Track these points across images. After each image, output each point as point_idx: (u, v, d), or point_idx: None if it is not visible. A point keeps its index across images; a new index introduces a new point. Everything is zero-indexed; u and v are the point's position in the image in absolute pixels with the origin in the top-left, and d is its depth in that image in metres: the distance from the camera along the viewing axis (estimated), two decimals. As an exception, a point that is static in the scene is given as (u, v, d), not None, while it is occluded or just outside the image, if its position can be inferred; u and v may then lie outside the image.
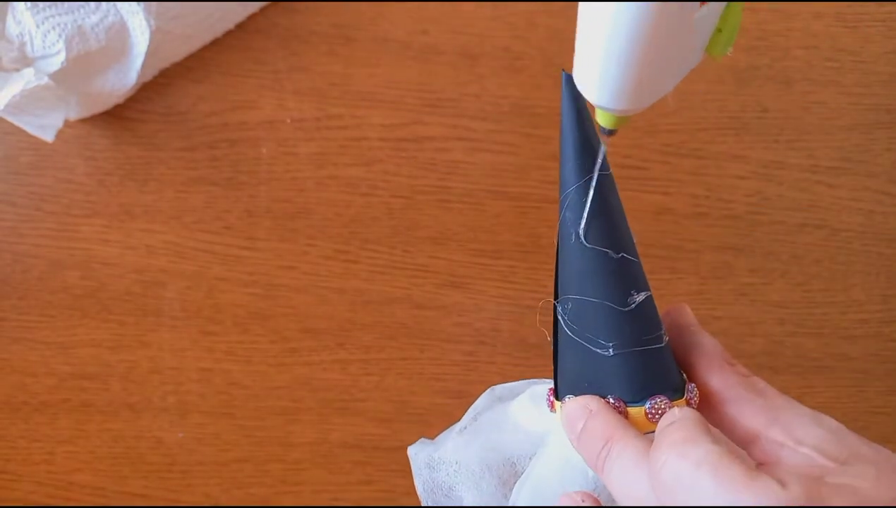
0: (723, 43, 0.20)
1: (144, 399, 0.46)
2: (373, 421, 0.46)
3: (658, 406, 0.24)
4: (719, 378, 0.25)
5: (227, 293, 0.45)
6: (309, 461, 0.46)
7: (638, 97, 0.20)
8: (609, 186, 0.25)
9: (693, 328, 0.26)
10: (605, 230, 0.25)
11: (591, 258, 0.25)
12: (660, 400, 0.24)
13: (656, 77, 0.20)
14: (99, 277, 0.45)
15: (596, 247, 0.24)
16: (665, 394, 0.24)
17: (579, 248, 0.25)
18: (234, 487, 0.46)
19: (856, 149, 0.47)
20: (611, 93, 0.20)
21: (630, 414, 0.25)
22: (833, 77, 0.47)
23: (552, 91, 0.46)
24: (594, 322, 0.25)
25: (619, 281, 0.25)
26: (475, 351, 0.46)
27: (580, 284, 0.25)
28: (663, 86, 0.20)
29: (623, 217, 0.26)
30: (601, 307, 0.25)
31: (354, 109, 0.45)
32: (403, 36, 0.45)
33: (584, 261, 0.25)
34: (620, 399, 0.25)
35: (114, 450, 0.46)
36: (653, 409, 0.24)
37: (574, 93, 0.24)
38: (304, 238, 0.46)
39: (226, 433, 0.46)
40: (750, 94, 0.46)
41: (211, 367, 0.46)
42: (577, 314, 0.25)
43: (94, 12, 0.40)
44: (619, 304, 0.24)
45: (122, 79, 0.42)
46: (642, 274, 0.25)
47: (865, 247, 0.47)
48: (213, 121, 0.45)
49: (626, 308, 0.24)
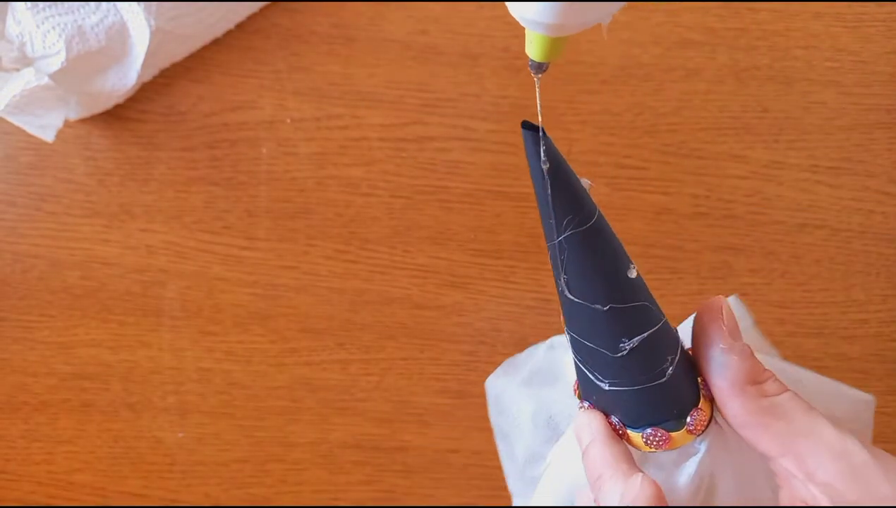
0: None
1: (144, 399, 0.46)
2: (373, 421, 0.46)
3: (653, 436, 0.25)
4: (739, 403, 0.24)
5: (227, 293, 0.46)
6: (309, 461, 0.46)
7: (568, 10, 0.19)
8: (593, 235, 0.24)
9: (723, 347, 0.25)
10: (590, 285, 0.24)
11: (579, 308, 0.24)
12: (654, 431, 0.25)
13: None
14: (99, 277, 0.45)
15: (582, 302, 0.24)
16: (664, 424, 0.25)
17: (567, 299, 0.24)
18: (234, 487, 0.46)
19: (856, 149, 0.47)
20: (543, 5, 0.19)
21: (629, 436, 0.26)
22: (833, 77, 0.47)
23: (552, 91, 0.46)
24: (591, 358, 0.25)
25: (609, 331, 0.24)
26: (475, 350, 0.46)
27: (576, 325, 0.25)
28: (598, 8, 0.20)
29: (616, 257, 0.24)
30: (595, 350, 0.25)
31: (354, 109, 0.45)
32: (403, 36, 0.46)
33: (573, 309, 0.24)
34: (622, 422, 0.26)
35: (114, 450, 0.46)
36: (648, 439, 0.25)
37: (536, 151, 0.23)
38: (305, 238, 0.46)
39: (226, 433, 0.46)
40: (750, 94, 0.46)
41: (211, 367, 0.46)
42: (576, 346, 0.26)
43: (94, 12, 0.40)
44: (610, 351, 0.24)
45: (122, 79, 0.42)
46: (638, 316, 0.24)
47: (865, 247, 0.47)
48: (213, 121, 0.45)
49: (618, 354, 0.24)
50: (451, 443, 0.46)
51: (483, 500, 0.47)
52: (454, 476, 0.46)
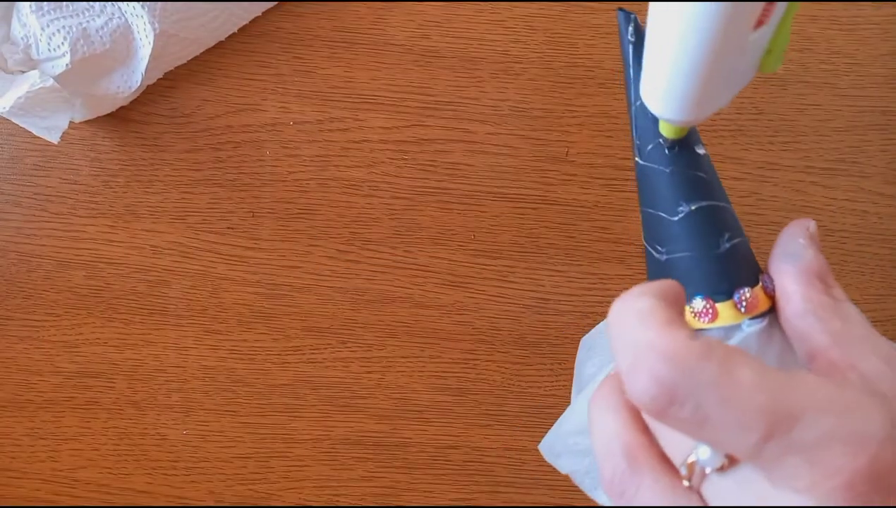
0: (772, 61, 0.23)
1: (149, 396, 0.46)
2: (374, 418, 0.47)
3: (700, 307, 0.25)
4: (802, 291, 0.23)
5: (231, 292, 0.46)
6: (311, 457, 0.47)
7: (699, 110, 0.23)
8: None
9: (801, 241, 0.24)
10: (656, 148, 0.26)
11: (647, 173, 0.27)
12: (701, 301, 0.25)
13: (715, 92, 0.23)
14: (104, 277, 0.46)
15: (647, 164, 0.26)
16: (713, 296, 0.25)
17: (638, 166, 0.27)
18: (238, 483, 0.47)
19: (850, 150, 0.47)
20: (676, 107, 0.23)
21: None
22: (828, 79, 0.47)
23: (550, 94, 0.46)
24: (652, 228, 0.27)
25: (670, 194, 0.26)
26: (475, 349, 0.47)
27: (644, 194, 0.27)
28: (720, 101, 0.24)
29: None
30: (655, 215, 0.26)
31: (356, 112, 0.46)
32: (404, 40, 0.46)
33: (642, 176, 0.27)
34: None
35: (118, 447, 0.46)
36: (695, 310, 0.25)
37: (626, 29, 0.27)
38: (307, 238, 0.46)
39: (229, 430, 0.46)
40: (745, 97, 0.47)
41: (215, 365, 0.46)
42: (645, 221, 0.27)
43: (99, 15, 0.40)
44: (668, 214, 0.26)
45: (126, 81, 0.43)
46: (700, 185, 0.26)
47: (860, 247, 0.48)
48: (217, 123, 0.46)
49: (675, 217, 0.26)
50: (452, 440, 0.47)
51: (483, 496, 0.47)
52: (454, 472, 0.47)
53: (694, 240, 0.26)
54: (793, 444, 0.18)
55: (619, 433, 0.22)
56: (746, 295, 0.25)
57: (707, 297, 0.25)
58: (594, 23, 0.47)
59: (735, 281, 0.25)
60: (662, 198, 0.26)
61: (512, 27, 0.46)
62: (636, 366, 0.19)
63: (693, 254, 0.26)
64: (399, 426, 0.47)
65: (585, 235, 0.47)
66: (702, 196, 0.26)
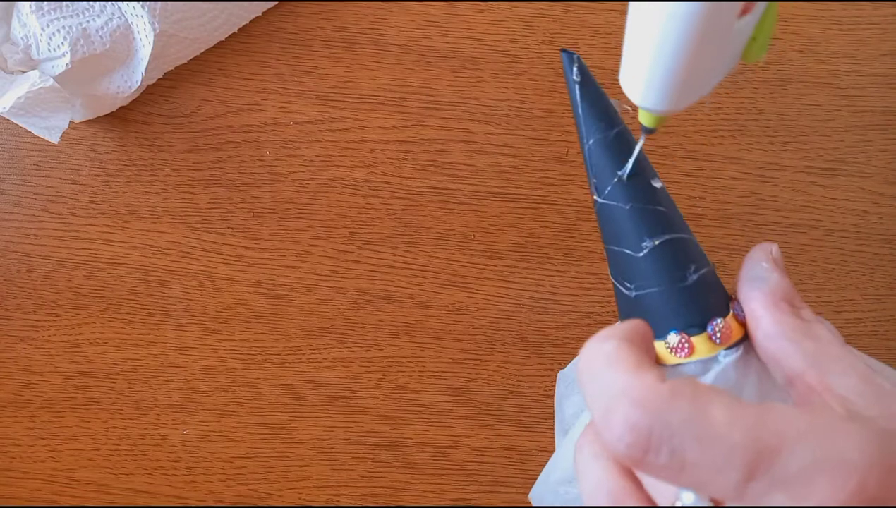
0: (756, 50, 0.22)
1: (149, 396, 0.46)
2: (374, 418, 0.47)
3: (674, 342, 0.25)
4: (771, 314, 0.23)
5: (231, 292, 0.46)
6: (311, 457, 0.47)
7: (680, 99, 0.23)
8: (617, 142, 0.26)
9: (765, 265, 0.24)
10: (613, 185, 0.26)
11: (606, 211, 0.26)
12: (675, 336, 0.25)
13: (697, 81, 0.22)
14: (104, 277, 0.46)
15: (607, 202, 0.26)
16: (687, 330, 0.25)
17: (597, 204, 0.27)
18: (238, 483, 0.47)
19: (850, 150, 0.47)
20: (656, 96, 0.23)
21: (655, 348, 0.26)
22: (828, 79, 0.47)
23: (550, 94, 0.46)
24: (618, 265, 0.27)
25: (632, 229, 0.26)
26: (475, 349, 0.47)
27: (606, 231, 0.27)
28: (702, 89, 0.23)
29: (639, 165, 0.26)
30: (620, 253, 0.26)
31: (356, 112, 0.46)
32: (404, 40, 0.46)
33: (602, 213, 0.27)
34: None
35: (118, 447, 0.46)
36: (670, 345, 0.25)
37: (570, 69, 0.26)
38: (307, 238, 0.46)
39: (229, 430, 0.47)
40: (745, 97, 0.47)
41: (215, 365, 0.46)
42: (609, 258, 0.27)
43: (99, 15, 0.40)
44: (633, 250, 0.26)
45: (126, 81, 0.43)
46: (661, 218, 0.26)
47: (860, 248, 0.48)
48: (217, 123, 0.46)
49: (640, 253, 0.26)
50: (451, 440, 0.47)
51: (482, 496, 0.47)
52: (454, 472, 0.47)
53: (661, 274, 0.25)
54: (775, 480, 0.18)
55: (604, 480, 0.22)
56: (720, 325, 0.25)
57: (681, 332, 0.25)
58: (594, 23, 0.47)
59: (707, 312, 0.25)
60: (625, 235, 0.26)
61: (512, 27, 0.46)
62: (608, 415, 0.19)
63: (662, 288, 0.25)
64: (399, 426, 0.47)
65: (585, 235, 0.47)
66: (664, 229, 0.26)
